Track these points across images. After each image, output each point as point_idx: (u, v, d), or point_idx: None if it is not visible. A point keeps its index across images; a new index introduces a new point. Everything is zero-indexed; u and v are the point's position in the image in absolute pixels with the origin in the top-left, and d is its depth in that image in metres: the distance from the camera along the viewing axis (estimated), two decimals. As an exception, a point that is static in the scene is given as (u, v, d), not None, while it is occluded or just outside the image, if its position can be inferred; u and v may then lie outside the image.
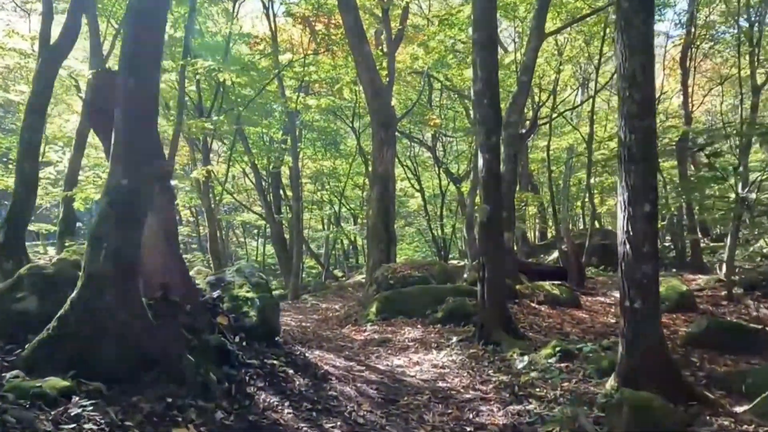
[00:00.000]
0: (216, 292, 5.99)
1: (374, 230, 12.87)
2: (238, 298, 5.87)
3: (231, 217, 23.70)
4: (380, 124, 13.44)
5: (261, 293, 5.98)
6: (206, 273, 6.56)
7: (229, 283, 6.12)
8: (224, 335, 5.29)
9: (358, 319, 10.08)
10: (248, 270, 6.31)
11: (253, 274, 6.25)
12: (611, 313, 11.61)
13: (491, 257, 7.93)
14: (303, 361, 5.86)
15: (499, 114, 8.39)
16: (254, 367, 5.04)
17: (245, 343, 5.44)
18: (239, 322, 5.65)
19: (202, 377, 4.38)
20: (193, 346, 4.66)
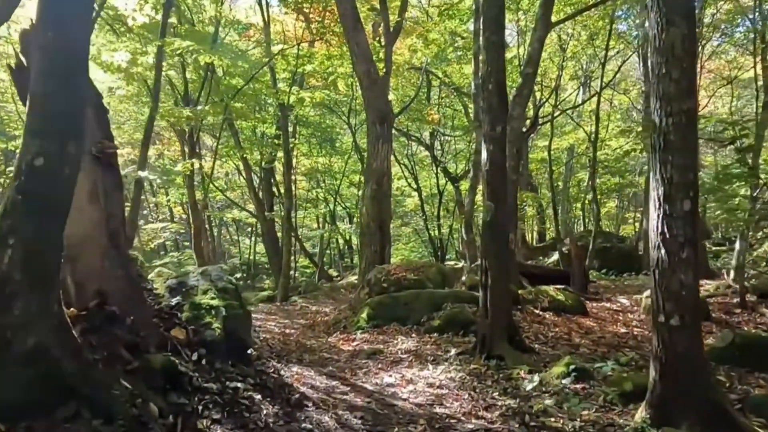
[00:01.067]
0: (175, 298, 5.03)
1: (367, 230, 11.91)
2: (201, 306, 4.90)
3: (221, 213, 22.67)
4: (376, 117, 12.48)
5: (228, 301, 5.00)
6: (168, 275, 5.57)
7: (191, 288, 5.15)
8: (179, 352, 4.33)
9: (347, 325, 9.13)
10: (215, 273, 5.34)
11: (221, 278, 5.28)
12: (620, 321, 10.67)
13: (495, 261, 6.97)
14: (276, 382, 4.90)
15: (505, 101, 7.43)
16: (212, 392, 4.08)
17: (205, 362, 4.47)
18: (200, 335, 4.67)
19: (139, 410, 3.41)
20: (132, 368, 3.69)
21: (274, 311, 12.09)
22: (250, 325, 5.60)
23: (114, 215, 4.25)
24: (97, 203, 4.13)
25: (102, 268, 4.03)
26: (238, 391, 4.28)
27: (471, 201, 13.84)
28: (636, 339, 8.94)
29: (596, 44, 17.45)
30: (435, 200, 26.58)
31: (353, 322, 9.06)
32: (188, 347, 4.51)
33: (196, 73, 15.07)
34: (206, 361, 4.48)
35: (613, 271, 18.93)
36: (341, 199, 25.56)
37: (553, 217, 20.28)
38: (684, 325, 4.44)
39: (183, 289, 5.18)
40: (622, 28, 20.05)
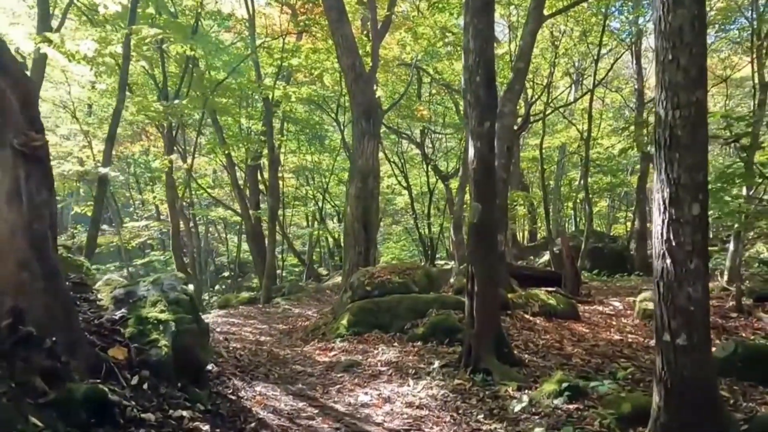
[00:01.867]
0: (119, 311, 4.42)
1: (351, 230, 11.32)
2: (147, 320, 4.29)
3: (205, 212, 22.02)
4: (361, 112, 11.87)
5: (179, 314, 4.40)
6: (117, 284, 4.96)
7: (139, 299, 4.54)
8: (116, 376, 3.72)
9: (326, 332, 8.54)
10: (168, 282, 4.72)
11: (174, 288, 4.66)
12: (613, 326, 10.13)
13: (482, 267, 6.39)
14: (232, 407, 4.31)
15: (494, 94, 6.85)
16: (149, 424, 3.47)
17: (147, 386, 3.87)
18: (144, 354, 4.07)
19: (48, 454, 2.81)
20: (49, 401, 3.09)
21: (254, 314, 11.49)
22: (208, 340, 4.99)
23: (39, 218, 3.63)
24: (17, 204, 3.51)
25: (19, 280, 3.42)
26: (182, 421, 3.68)
27: (460, 200, 13.28)
28: (631, 347, 8.39)
29: (589, 40, 16.89)
30: (425, 199, 26.03)
31: (333, 329, 8.47)
32: (128, 369, 3.91)
33: (179, 66, 14.44)
34: (149, 386, 3.88)
35: (605, 271, 18.43)
36: (330, 197, 24.95)
37: (544, 217, 19.75)
38: (692, 346, 3.87)
39: (131, 300, 4.57)
40: (615, 26, 19.55)
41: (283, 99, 18.04)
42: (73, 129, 20.13)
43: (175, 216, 12.95)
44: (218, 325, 9.32)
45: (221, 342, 7.30)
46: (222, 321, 9.93)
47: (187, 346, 4.32)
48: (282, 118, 21.42)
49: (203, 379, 4.53)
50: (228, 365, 5.56)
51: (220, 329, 8.93)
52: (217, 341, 7.36)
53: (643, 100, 19.30)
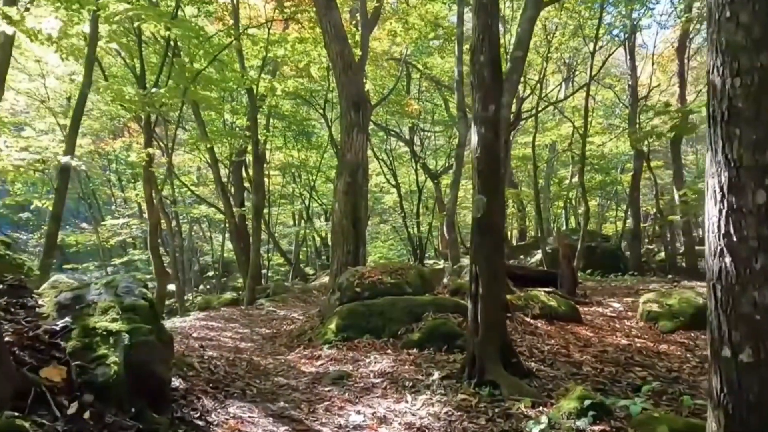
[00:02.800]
0: (62, 320, 3.61)
1: (339, 228, 10.54)
2: (95, 331, 3.49)
3: (187, 209, 21.10)
4: (350, 103, 11.10)
5: (135, 324, 3.59)
6: (65, 287, 4.14)
7: (88, 305, 3.74)
8: (47, 404, 2.93)
9: (313, 338, 7.75)
10: (124, 284, 3.92)
11: (131, 291, 3.85)
12: (618, 330, 9.44)
13: (487, 266, 5.64)
14: (197, 435, 3.52)
15: (499, 75, 6.10)
16: (85, 468, 2.68)
17: (89, 414, 3.07)
18: (88, 374, 3.27)
19: None
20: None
21: (236, 317, 10.67)
22: (171, 353, 4.19)
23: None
24: None
25: None
26: (130, 460, 2.89)
27: (454, 197, 12.54)
28: (642, 353, 7.69)
29: (585, 32, 16.24)
30: (414, 197, 25.33)
31: (320, 334, 7.69)
32: (67, 394, 3.11)
33: (159, 56, 13.56)
34: (91, 414, 3.09)
35: (599, 271, 17.79)
36: (317, 194, 24.13)
37: (535, 216, 19.09)
38: (759, 362, 3.14)
39: (78, 306, 3.76)
40: (606, 21, 18.94)
41: (269, 93, 17.22)
42: (51, 122, 19.12)
43: (153, 213, 12.08)
44: (195, 330, 8.50)
45: (196, 350, 6.49)
46: (200, 325, 9.10)
47: (144, 362, 3.52)
48: (268, 113, 20.59)
49: (165, 400, 3.73)
50: (199, 380, 4.75)
51: (198, 334, 8.11)
52: (191, 349, 6.56)
53: (636, 97, 18.71)
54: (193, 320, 9.72)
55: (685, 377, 6.55)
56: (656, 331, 9.53)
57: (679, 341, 8.78)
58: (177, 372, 4.66)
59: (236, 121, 18.56)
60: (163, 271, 12.55)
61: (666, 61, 21.78)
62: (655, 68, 21.62)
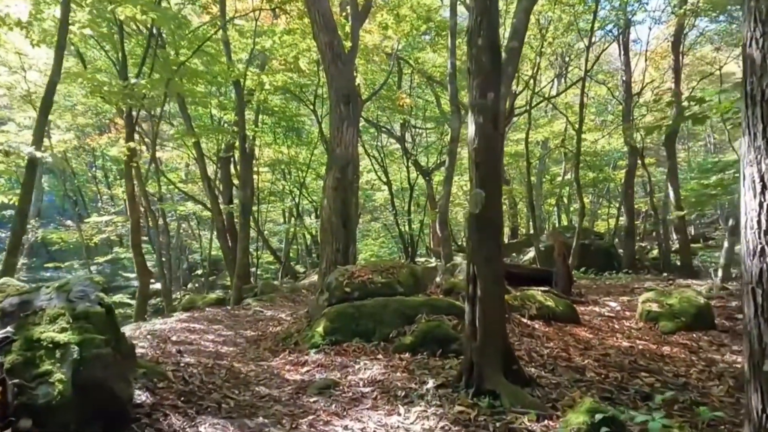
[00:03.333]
0: (3, 331, 3.10)
1: (328, 225, 10.05)
2: (39, 343, 2.99)
3: (173, 206, 20.50)
4: (340, 96, 10.61)
5: (88, 334, 3.10)
6: (13, 290, 3.63)
7: (35, 312, 3.23)
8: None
9: (299, 341, 7.26)
10: (78, 288, 3.40)
11: (85, 296, 3.35)
12: (617, 331, 9.03)
13: (486, 266, 5.18)
14: (158, 464, 3.02)
15: (498, 60, 5.64)
16: None
17: (26, 444, 2.57)
18: (28, 394, 2.77)
19: None
20: None
21: (221, 318, 10.16)
22: (132, 367, 3.69)
23: None
24: None
25: None
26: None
27: (446, 194, 12.08)
28: (645, 356, 7.27)
29: (579, 26, 15.81)
30: (405, 194, 24.86)
31: (307, 338, 7.20)
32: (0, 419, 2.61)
33: (137, 40, 13.00)
34: (29, 443, 2.58)
35: (593, 269, 17.42)
36: (307, 192, 23.60)
37: (529, 213, 18.66)
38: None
39: (23, 313, 3.25)
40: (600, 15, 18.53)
41: (257, 87, 16.70)
42: (33, 117, 18.49)
43: (135, 209, 11.54)
44: (175, 332, 7.99)
45: (172, 356, 5.98)
46: (181, 327, 8.58)
47: (98, 379, 3.02)
48: (257, 109, 20.06)
49: (124, 421, 3.24)
50: (171, 392, 4.25)
51: (177, 337, 7.60)
52: (167, 355, 6.05)
53: (630, 93, 18.32)
54: (174, 322, 9.20)
55: (694, 383, 6.13)
56: (657, 332, 9.12)
57: (681, 343, 8.38)
58: (145, 384, 4.17)
59: (224, 116, 18.01)
60: (146, 270, 12.01)
61: (659, 58, 21.41)
62: (647, 64, 21.27)
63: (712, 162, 21.98)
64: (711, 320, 9.35)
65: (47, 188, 26.28)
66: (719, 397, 5.65)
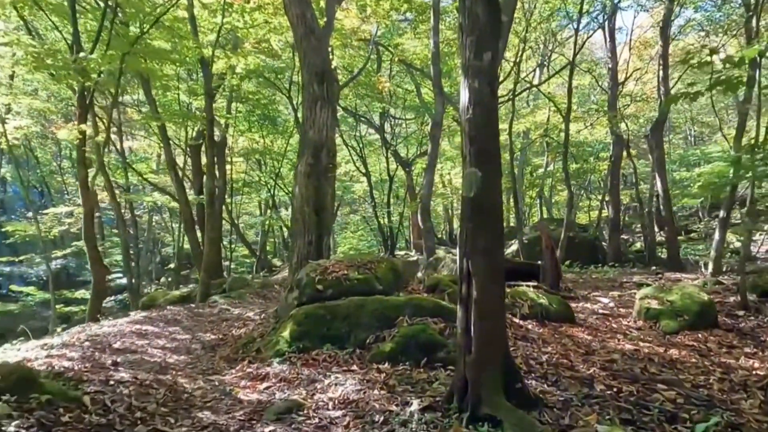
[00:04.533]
0: None
1: (300, 215, 8.96)
2: None
3: (139, 197, 19.18)
4: (313, 74, 9.50)
5: None
6: None
7: None
8: None
9: (262, 348, 6.17)
10: None
11: None
12: (616, 331, 8.08)
13: (484, 261, 4.15)
14: None
15: (496, 10, 4.59)
16: None
17: None
18: None
19: None
20: None
21: (181, 318, 9.02)
22: None
23: None
24: None
25: None
26: None
27: (429, 182, 11.04)
28: (654, 362, 6.33)
29: (567, 7, 14.84)
30: (385, 186, 23.82)
31: (271, 344, 6.12)
32: None
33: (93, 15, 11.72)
34: None
35: (577, 262, 16.55)
36: (283, 182, 22.41)
37: (512, 205, 17.73)
38: None
39: None
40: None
41: (228, 71, 15.48)
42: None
43: (87, 199, 10.31)
44: (121, 338, 6.84)
45: (103, 371, 4.86)
46: (131, 330, 7.43)
47: None
48: (229, 95, 18.81)
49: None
50: (77, 428, 3.15)
51: (121, 344, 6.46)
52: (97, 369, 4.94)
53: (617, 81, 17.46)
54: (125, 323, 8.04)
55: (718, 396, 5.18)
56: (659, 331, 8.20)
57: (688, 344, 7.45)
58: (41, 418, 3.08)
59: (193, 102, 16.77)
60: (101, 265, 10.80)
61: (644, 47, 20.62)
62: (631, 54, 20.47)
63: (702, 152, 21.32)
64: (714, 318, 8.47)
65: (9, 178, 24.75)
66: (753, 415, 4.72)
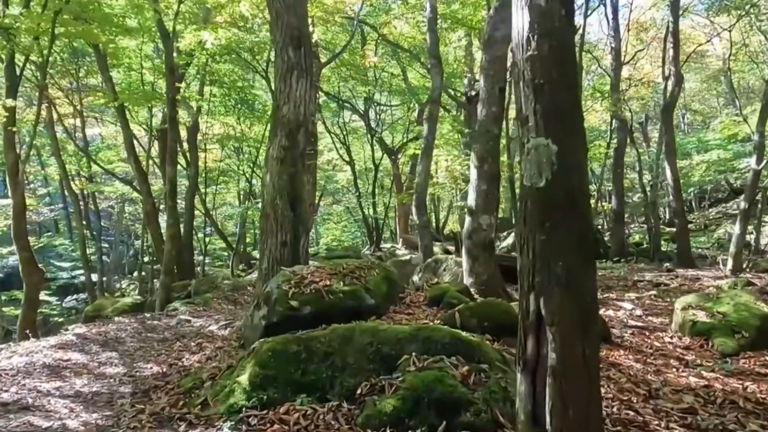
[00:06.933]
0: None
1: (272, 210, 7.04)
2: None
3: (96, 187, 17.04)
4: (287, 37, 7.54)
5: None
6: None
7: None
8: None
9: (210, 399, 4.25)
10: None
11: None
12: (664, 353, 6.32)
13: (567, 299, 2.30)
14: None
15: None
16: None
17: None
18: None
19: None
20: None
21: (124, 337, 7.06)
22: None
23: None
24: None
25: None
26: None
27: (425, 169, 9.16)
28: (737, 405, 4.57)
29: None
30: (370, 175, 21.91)
31: (223, 393, 4.22)
32: None
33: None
34: None
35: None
36: (261, 171, 20.36)
37: (509, 194, 15.93)
38: None
39: None
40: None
41: (197, 47, 13.42)
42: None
43: (17, 190, 8.31)
44: (25, 378, 4.90)
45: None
46: (46, 362, 5.48)
47: None
48: (202, 77, 16.72)
49: None
50: None
51: (17, 390, 4.52)
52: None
53: (620, 61, 15.71)
54: (46, 348, 6.08)
55: None
56: (713, 352, 6.46)
57: (761, 373, 5.73)
58: None
59: (159, 82, 14.69)
60: (34, 268, 8.79)
61: (642, 29, 18.91)
62: (629, 35, 18.76)
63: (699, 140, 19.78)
64: (770, 334, 6.73)
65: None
66: None
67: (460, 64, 18.23)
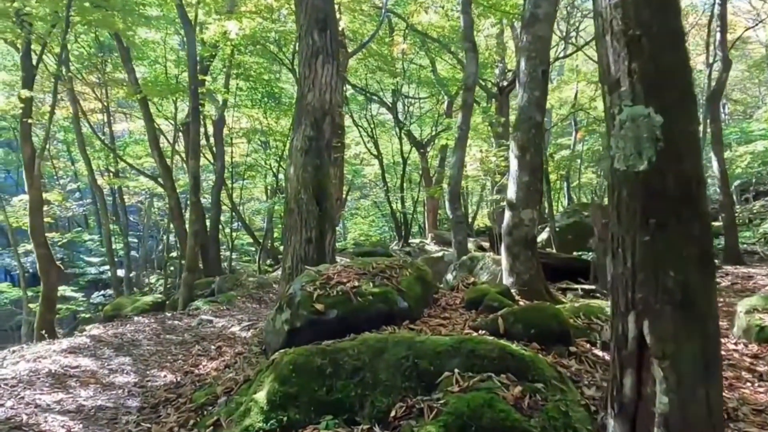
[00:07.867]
0: None
1: (296, 204, 6.50)
2: None
3: (121, 181, 16.78)
4: (312, 20, 6.98)
5: None
6: None
7: None
8: None
9: (223, 419, 3.72)
10: None
11: None
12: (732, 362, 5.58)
13: (683, 324, 1.66)
14: None
15: None
16: None
17: None
18: None
19: None
20: None
21: (141, 339, 6.61)
22: None
23: None
24: None
25: None
26: None
27: (459, 159, 8.48)
28: None
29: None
30: (398, 169, 21.31)
31: (238, 412, 3.68)
32: None
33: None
34: None
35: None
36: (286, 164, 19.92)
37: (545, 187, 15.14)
38: None
39: None
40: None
41: (221, 38, 12.97)
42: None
43: (33, 184, 7.97)
44: (26, 388, 4.44)
45: None
46: (53, 369, 5.03)
47: None
48: (227, 70, 16.33)
49: None
50: None
51: (14, 404, 4.06)
52: None
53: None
54: (57, 352, 5.66)
55: None
56: (791, 362, 5.74)
57: None
58: None
59: (184, 74, 14.33)
60: (51, 265, 8.44)
61: (683, 13, 17.80)
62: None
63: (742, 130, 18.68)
64: None
65: (0, 163, 22.54)
66: None
67: (492, 53, 17.47)
